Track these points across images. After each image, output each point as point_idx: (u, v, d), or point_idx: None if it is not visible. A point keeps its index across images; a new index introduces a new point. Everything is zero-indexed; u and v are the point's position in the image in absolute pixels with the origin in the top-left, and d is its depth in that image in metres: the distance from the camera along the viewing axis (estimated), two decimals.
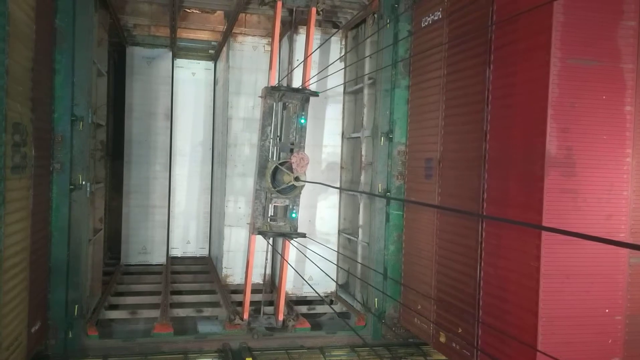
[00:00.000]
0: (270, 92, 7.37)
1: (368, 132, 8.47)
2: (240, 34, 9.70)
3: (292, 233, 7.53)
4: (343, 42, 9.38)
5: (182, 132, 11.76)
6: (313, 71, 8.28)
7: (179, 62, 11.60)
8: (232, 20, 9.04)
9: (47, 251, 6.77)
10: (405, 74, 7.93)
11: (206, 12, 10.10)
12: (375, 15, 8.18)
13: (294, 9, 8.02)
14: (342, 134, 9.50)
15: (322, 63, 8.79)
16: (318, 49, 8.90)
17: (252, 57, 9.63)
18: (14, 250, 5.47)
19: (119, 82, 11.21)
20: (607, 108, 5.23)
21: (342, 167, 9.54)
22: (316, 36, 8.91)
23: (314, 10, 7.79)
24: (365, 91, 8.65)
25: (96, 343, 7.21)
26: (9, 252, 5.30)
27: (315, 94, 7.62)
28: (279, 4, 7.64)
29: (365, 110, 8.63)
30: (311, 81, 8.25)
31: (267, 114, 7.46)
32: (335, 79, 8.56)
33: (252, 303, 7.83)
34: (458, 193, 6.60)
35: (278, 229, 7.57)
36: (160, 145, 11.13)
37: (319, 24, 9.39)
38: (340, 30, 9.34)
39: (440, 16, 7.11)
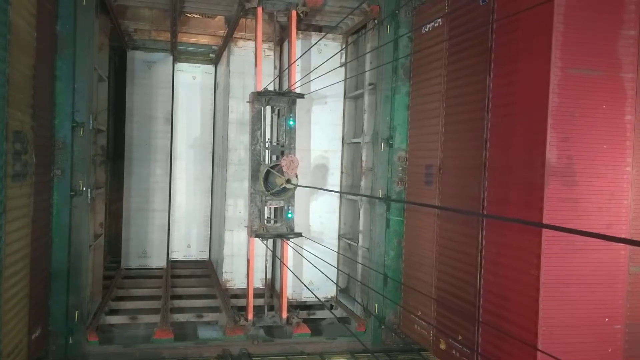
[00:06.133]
0: (257, 96, 7.51)
1: (368, 137, 8.48)
2: (241, 38, 9.71)
3: (289, 233, 7.63)
4: (343, 47, 9.39)
5: (183, 136, 11.76)
6: (313, 75, 8.30)
7: (179, 65, 11.59)
8: (232, 25, 9.04)
9: (48, 257, 6.78)
10: (405, 80, 7.94)
11: (207, 17, 10.11)
12: (376, 21, 8.19)
13: (275, 13, 8.07)
14: (343, 139, 9.51)
15: (321, 68, 8.80)
16: (319, 54, 8.94)
17: (253, 61, 9.62)
18: (15, 258, 5.48)
19: (120, 86, 11.21)
20: (607, 117, 5.24)
21: (342, 172, 9.55)
22: (314, 41, 8.93)
23: (294, 13, 7.87)
24: (366, 97, 8.66)
25: (97, 349, 7.22)
26: (9, 260, 5.31)
27: (301, 96, 7.71)
28: (259, 9, 7.71)
29: (365, 116, 8.64)
30: (311, 86, 8.29)
31: (255, 118, 7.60)
32: (335, 84, 8.57)
33: (253, 307, 7.88)
34: (458, 200, 6.61)
35: (275, 230, 7.67)
36: (161, 149, 11.12)
37: (319, 29, 9.44)
38: (339, 35, 9.36)
39: (441, 23, 7.12)
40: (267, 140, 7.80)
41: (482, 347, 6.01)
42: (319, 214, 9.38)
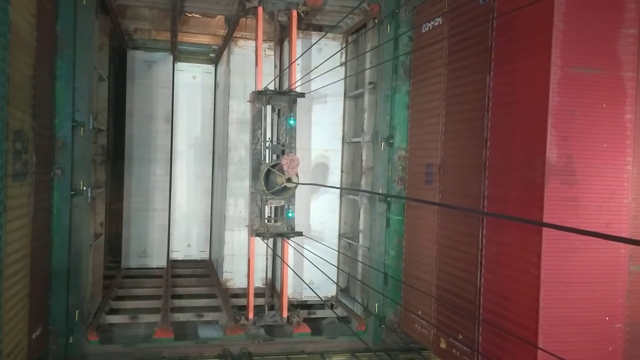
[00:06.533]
0: (257, 96, 7.54)
1: (368, 137, 8.48)
2: (241, 38, 9.71)
3: (289, 232, 7.65)
4: (343, 46, 9.39)
5: (183, 136, 11.76)
6: (313, 74, 8.31)
7: (179, 65, 11.59)
8: (232, 24, 9.05)
9: (48, 257, 6.78)
10: (405, 79, 7.95)
11: (207, 16, 10.11)
12: (376, 20, 8.20)
13: (275, 12, 8.09)
14: (343, 138, 9.51)
15: (321, 67, 8.83)
16: (319, 53, 8.95)
17: (253, 61, 9.60)
18: (15, 258, 5.48)
19: (120, 86, 11.21)
20: (607, 116, 5.23)
21: (342, 172, 9.56)
22: (315, 40, 8.93)
23: (294, 12, 7.90)
24: (366, 96, 8.65)
25: (97, 348, 7.22)
26: (10, 259, 5.31)
27: (302, 95, 7.73)
28: (260, 9, 7.73)
29: (365, 115, 8.63)
30: (311, 86, 8.30)
31: (256, 118, 7.62)
32: (335, 83, 8.57)
33: (254, 306, 7.88)
34: (458, 199, 6.61)
35: (275, 229, 7.70)
36: (161, 149, 11.12)
37: (319, 28, 9.44)
38: (340, 34, 9.36)
39: (441, 22, 7.12)
40: (267, 139, 7.83)
41: (483, 346, 6.01)
42: (320, 214, 9.38)
